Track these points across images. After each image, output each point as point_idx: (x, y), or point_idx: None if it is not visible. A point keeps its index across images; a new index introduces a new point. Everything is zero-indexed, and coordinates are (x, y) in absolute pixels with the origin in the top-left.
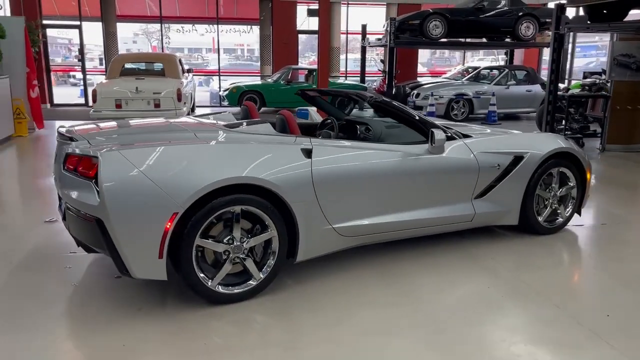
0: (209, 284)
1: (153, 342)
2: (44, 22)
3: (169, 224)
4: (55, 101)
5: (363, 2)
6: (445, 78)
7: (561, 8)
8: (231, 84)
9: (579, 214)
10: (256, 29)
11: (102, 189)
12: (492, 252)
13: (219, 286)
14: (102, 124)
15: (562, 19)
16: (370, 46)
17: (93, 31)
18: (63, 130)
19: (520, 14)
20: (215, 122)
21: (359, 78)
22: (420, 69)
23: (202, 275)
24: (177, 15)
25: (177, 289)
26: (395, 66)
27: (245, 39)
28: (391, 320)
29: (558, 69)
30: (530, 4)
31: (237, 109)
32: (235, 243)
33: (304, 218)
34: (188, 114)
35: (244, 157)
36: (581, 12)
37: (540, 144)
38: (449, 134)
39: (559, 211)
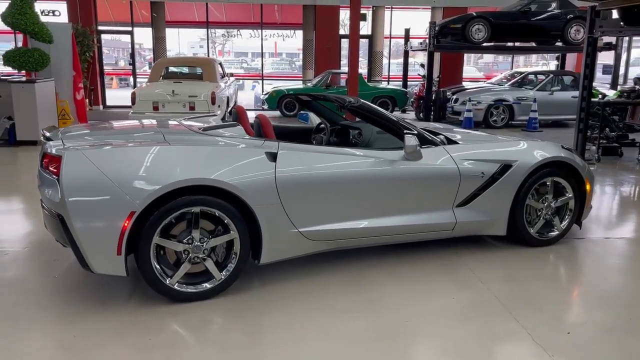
0: (168, 281)
1: (104, 335)
2: (99, 27)
3: (127, 222)
4: (108, 103)
5: (408, 7)
6: (489, 83)
7: (594, 11)
8: (273, 88)
9: (579, 226)
10: (300, 34)
11: (62, 186)
12: (473, 263)
13: (179, 284)
14: (94, 126)
15: (595, 22)
16: (413, 50)
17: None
18: (46, 132)
19: (570, 17)
20: (198, 124)
21: (401, 82)
22: (477, 73)
23: (161, 273)
24: (224, 21)
25: (147, 287)
26: (441, 70)
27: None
28: (345, 326)
29: (592, 74)
30: (582, 7)
31: (277, 113)
32: (194, 243)
33: (267, 221)
34: (223, 117)
35: (204, 159)
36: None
37: (532, 152)
38: (431, 139)
39: (553, 223)
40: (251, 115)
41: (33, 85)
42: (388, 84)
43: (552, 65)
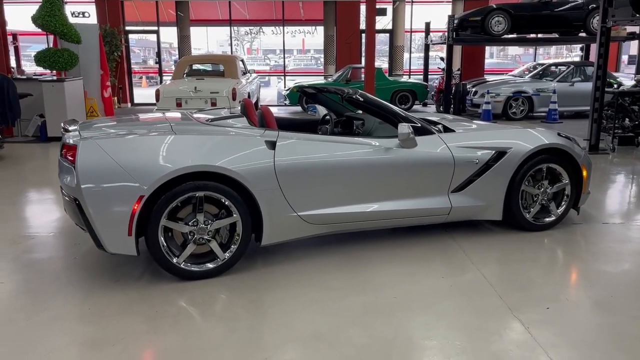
0: (175, 260)
1: (115, 307)
2: (127, 28)
3: (136, 205)
4: (136, 101)
5: (429, 0)
6: (510, 75)
7: (607, 0)
8: (295, 84)
9: (577, 211)
10: (321, 30)
11: (78, 172)
12: (468, 246)
13: (185, 264)
14: (111, 119)
15: (608, 11)
16: (433, 44)
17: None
18: (66, 125)
19: (592, 7)
20: (206, 116)
21: (422, 76)
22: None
23: (168, 252)
24: (247, 19)
25: (157, 268)
26: (462, 63)
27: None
28: (337, 302)
29: (606, 64)
30: None
31: (299, 108)
32: (199, 225)
33: (267, 205)
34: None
35: (207, 147)
36: None
37: (527, 139)
38: (427, 128)
39: (550, 208)
40: (274, 110)
41: (62, 84)
42: (409, 77)
43: (576, 56)
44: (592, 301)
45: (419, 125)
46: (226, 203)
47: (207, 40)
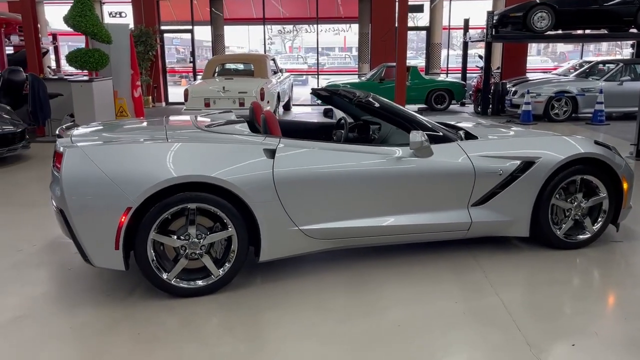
0: (165, 276)
1: (98, 326)
2: (162, 27)
3: (124, 217)
4: (171, 100)
5: None
6: (555, 74)
7: None
8: (329, 82)
9: (617, 228)
10: (355, 27)
11: (62, 181)
12: (489, 265)
13: (177, 280)
14: (107, 123)
15: None
16: (471, 41)
17: (235, 34)
18: (62, 130)
19: None
20: (208, 121)
21: (460, 75)
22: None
23: (158, 267)
24: (281, 17)
25: None
26: (503, 61)
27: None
28: (333, 326)
29: None
30: None
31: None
32: (191, 239)
33: (266, 218)
34: (275, 111)
35: (199, 156)
36: None
37: (558, 148)
38: (444, 135)
39: (584, 224)
40: (305, 111)
41: (90, 84)
42: (447, 76)
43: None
44: (627, 338)
45: (436, 132)
46: (223, 218)
47: (248, 39)
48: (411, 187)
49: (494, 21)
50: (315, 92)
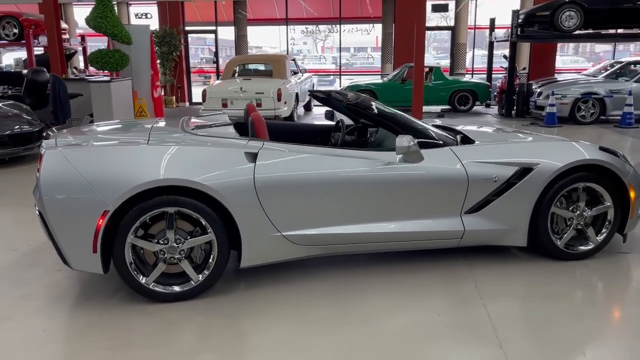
0: (144, 281)
1: (71, 331)
2: (186, 28)
3: (101, 220)
4: (194, 100)
5: None
6: (584, 75)
7: None
8: (351, 82)
9: (624, 238)
10: (379, 27)
11: (40, 183)
12: (482, 276)
13: (156, 284)
14: (100, 125)
15: None
16: (497, 41)
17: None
18: (50, 132)
19: None
20: (200, 123)
21: (485, 75)
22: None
23: (136, 271)
24: (304, 17)
25: None
26: (530, 61)
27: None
28: (309, 337)
29: None
30: None
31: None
32: (169, 244)
33: (247, 223)
34: (291, 113)
35: (180, 159)
36: None
37: (558, 154)
38: (437, 140)
39: (587, 234)
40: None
41: (109, 85)
42: (472, 77)
43: None
44: None
45: (428, 136)
46: (202, 223)
47: (279, 39)
48: (400, 193)
49: (520, 20)
50: (312, 94)
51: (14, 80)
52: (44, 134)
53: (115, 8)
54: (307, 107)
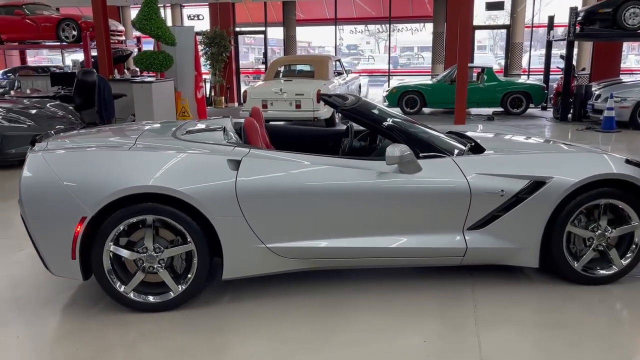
0: (122, 289)
1: (44, 339)
2: (237, 29)
3: (79, 227)
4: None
5: None
6: None
7: None
8: (400, 83)
9: None
10: (429, 26)
11: (21, 188)
12: (484, 299)
13: (135, 294)
14: (95, 129)
15: None
16: (555, 40)
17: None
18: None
19: None
20: (194, 127)
21: (542, 76)
22: None
23: (114, 280)
24: (354, 17)
25: None
26: (593, 62)
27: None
28: (285, 358)
29: None
30: None
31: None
32: (148, 252)
33: (228, 234)
34: (332, 115)
35: (160, 165)
36: None
37: (576, 167)
38: (440, 148)
39: (610, 257)
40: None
41: (150, 85)
42: (528, 78)
43: None
44: None
45: (430, 145)
46: (181, 230)
47: (336, 38)
48: (394, 206)
49: (580, 18)
50: (322, 98)
51: (68, 80)
52: (37, 137)
53: (169, 10)
54: None
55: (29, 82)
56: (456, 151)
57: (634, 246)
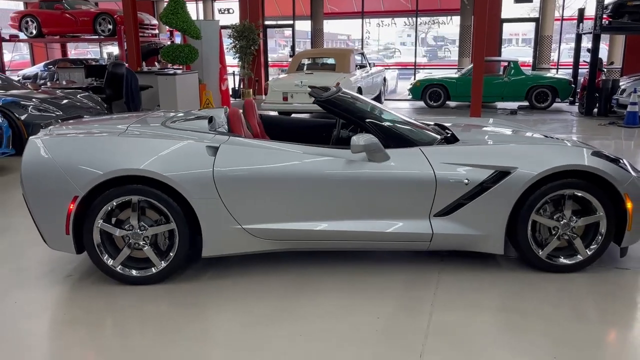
0: (110, 263)
1: (38, 304)
2: (266, 22)
3: (72, 205)
4: None
5: None
6: None
7: None
8: (425, 76)
9: (622, 253)
10: (457, 20)
11: (21, 170)
12: (447, 282)
13: (123, 267)
14: (96, 118)
15: None
16: (584, 34)
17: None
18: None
19: None
20: (183, 116)
21: (571, 70)
22: None
23: (102, 253)
24: (381, 10)
25: None
26: (625, 56)
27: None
28: (237, 331)
29: None
30: None
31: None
32: (133, 230)
33: (207, 215)
34: None
35: (145, 150)
36: None
37: (541, 158)
38: (409, 138)
39: (575, 246)
40: (398, 106)
41: (174, 77)
42: (557, 72)
43: None
44: None
45: (396, 135)
46: (163, 210)
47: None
48: (363, 193)
49: (609, 11)
50: (312, 90)
51: (101, 73)
52: (43, 125)
53: (201, 4)
54: (377, 101)
55: (66, 73)
56: (426, 141)
57: (599, 237)
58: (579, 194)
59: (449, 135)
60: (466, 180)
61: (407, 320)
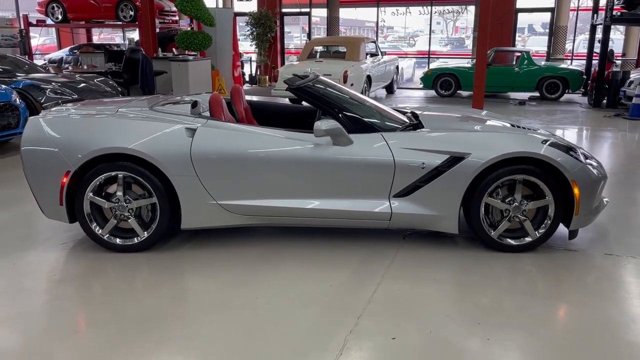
0: (99, 232)
1: (32, 266)
2: (283, 10)
3: (65, 178)
4: None
5: None
6: None
7: None
8: (438, 65)
9: (571, 235)
10: (472, 9)
11: (21, 146)
12: (404, 259)
13: (110, 236)
14: (98, 101)
15: None
16: (598, 24)
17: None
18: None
19: None
20: (166, 101)
21: (585, 61)
22: None
23: (94, 224)
24: None
25: None
26: None
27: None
28: (205, 294)
29: None
30: None
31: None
32: (119, 203)
33: (185, 191)
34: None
35: (129, 130)
36: None
37: (493, 145)
38: (372, 125)
39: (525, 228)
40: (411, 94)
41: (187, 64)
42: (571, 63)
43: None
44: (436, 338)
45: (359, 122)
46: (146, 185)
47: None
48: (328, 173)
49: (622, 2)
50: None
51: (120, 58)
52: (45, 106)
53: None
54: (389, 90)
55: (88, 58)
56: (389, 128)
57: (548, 220)
58: (531, 180)
59: (415, 122)
60: (423, 164)
61: (356, 288)
